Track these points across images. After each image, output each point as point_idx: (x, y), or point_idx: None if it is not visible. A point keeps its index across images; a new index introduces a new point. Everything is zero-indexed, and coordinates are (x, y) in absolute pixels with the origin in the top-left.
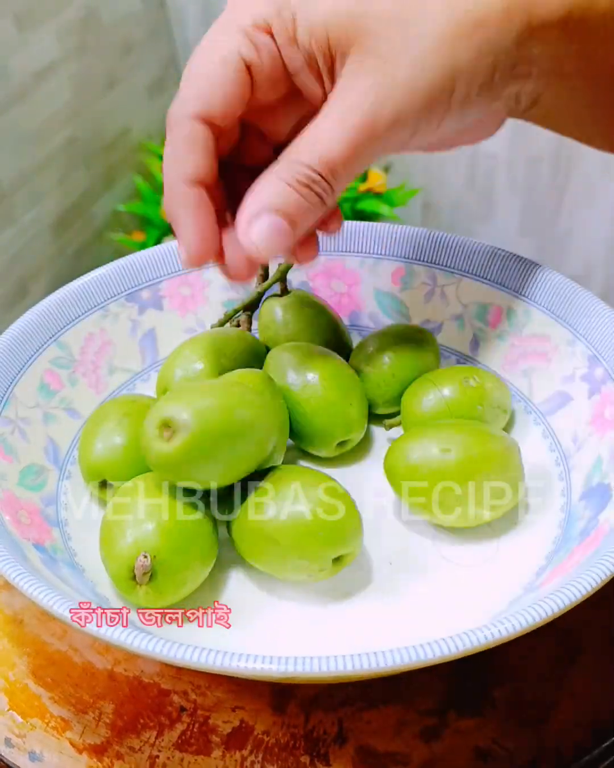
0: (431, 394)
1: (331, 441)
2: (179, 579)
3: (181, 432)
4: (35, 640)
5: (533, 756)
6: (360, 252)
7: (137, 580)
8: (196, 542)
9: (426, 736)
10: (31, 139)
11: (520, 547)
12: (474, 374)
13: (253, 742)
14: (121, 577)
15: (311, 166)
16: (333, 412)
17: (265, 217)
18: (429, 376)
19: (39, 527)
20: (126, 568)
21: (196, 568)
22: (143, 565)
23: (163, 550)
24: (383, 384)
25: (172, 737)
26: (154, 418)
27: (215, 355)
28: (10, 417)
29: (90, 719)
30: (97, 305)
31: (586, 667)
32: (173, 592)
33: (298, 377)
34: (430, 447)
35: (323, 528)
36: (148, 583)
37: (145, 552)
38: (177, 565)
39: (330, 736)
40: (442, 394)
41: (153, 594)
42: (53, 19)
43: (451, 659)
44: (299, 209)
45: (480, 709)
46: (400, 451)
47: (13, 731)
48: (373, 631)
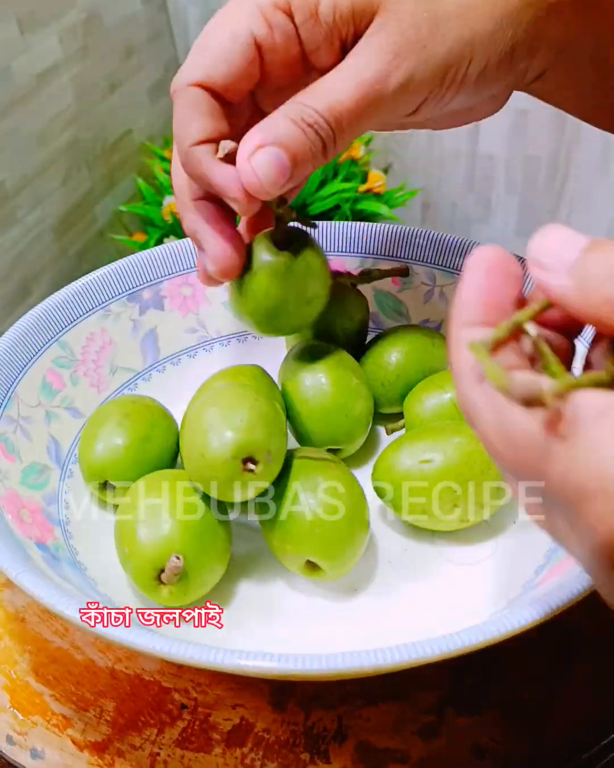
0: (433, 397)
1: (321, 447)
2: (203, 579)
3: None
4: (37, 638)
5: (531, 754)
6: (360, 252)
7: (165, 580)
8: (216, 542)
9: (424, 733)
10: (33, 141)
11: (519, 546)
12: None
13: (253, 740)
14: (144, 577)
15: (318, 110)
16: (327, 422)
17: (268, 148)
18: (434, 379)
19: (41, 526)
20: (151, 567)
21: (216, 568)
22: (176, 566)
23: (190, 551)
24: (387, 384)
25: (172, 734)
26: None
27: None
28: (13, 416)
29: (91, 717)
30: (99, 305)
31: (584, 665)
32: (196, 592)
33: (307, 381)
34: (412, 457)
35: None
36: (176, 583)
37: (178, 553)
38: (202, 565)
39: (329, 733)
40: (443, 397)
41: (177, 593)
42: (55, 22)
43: (450, 657)
44: (302, 147)
45: (478, 706)
46: (386, 461)
47: (15, 729)
48: (373, 629)
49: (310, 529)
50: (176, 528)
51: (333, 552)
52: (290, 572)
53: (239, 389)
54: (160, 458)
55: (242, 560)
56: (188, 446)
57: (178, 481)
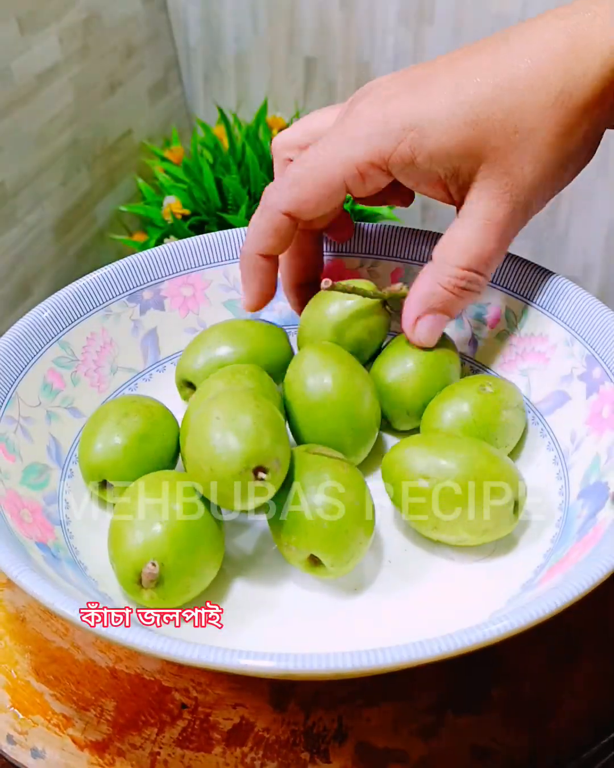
0: (449, 411)
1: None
2: (184, 585)
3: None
4: (37, 637)
5: (531, 754)
6: (360, 252)
7: (143, 585)
8: (202, 547)
9: (424, 733)
10: (33, 142)
11: (518, 546)
12: (488, 381)
13: (253, 739)
14: (127, 580)
15: (463, 266)
16: (331, 432)
17: (427, 317)
18: (447, 392)
19: (41, 526)
20: (132, 571)
21: (202, 574)
22: (150, 573)
23: (170, 557)
24: (404, 401)
25: (173, 734)
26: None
27: (237, 339)
28: (13, 416)
29: (91, 716)
30: (99, 305)
31: (584, 665)
32: (177, 598)
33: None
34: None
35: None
36: (154, 588)
37: (154, 560)
38: (183, 572)
39: (330, 733)
40: (462, 409)
41: (157, 599)
42: (55, 22)
43: (450, 657)
44: (454, 305)
45: (478, 706)
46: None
47: (15, 728)
48: (373, 629)
49: (317, 523)
50: (160, 533)
51: (338, 548)
52: (290, 572)
53: (241, 395)
54: (159, 458)
55: (242, 560)
56: (193, 457)
57: (178, 481)
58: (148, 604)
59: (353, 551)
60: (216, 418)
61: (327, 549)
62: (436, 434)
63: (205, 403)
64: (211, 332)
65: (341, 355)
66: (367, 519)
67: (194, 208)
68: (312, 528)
